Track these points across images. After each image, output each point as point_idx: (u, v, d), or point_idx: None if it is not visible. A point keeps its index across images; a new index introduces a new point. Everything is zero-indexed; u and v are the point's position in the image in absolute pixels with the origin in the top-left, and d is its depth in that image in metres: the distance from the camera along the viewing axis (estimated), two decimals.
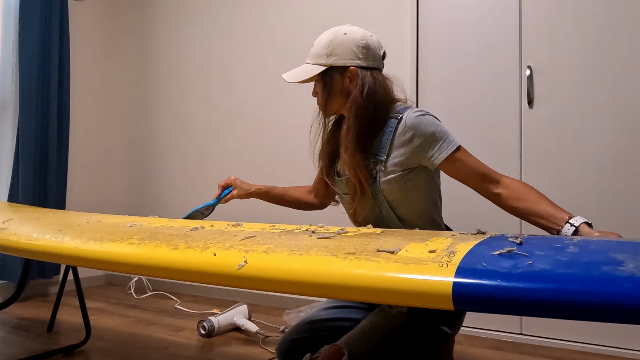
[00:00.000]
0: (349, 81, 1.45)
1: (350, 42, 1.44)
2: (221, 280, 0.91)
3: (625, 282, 0.60)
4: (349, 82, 1.45)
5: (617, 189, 2.33)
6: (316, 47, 1.48)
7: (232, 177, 1.74)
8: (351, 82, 1.45)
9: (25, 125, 3.24)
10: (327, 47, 1.45)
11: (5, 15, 3.30)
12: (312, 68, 1.47)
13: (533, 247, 0.81)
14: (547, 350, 2.36)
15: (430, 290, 0.69)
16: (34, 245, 1.31)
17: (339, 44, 1.44)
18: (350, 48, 1.44)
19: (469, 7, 2.70)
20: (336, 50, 1.44)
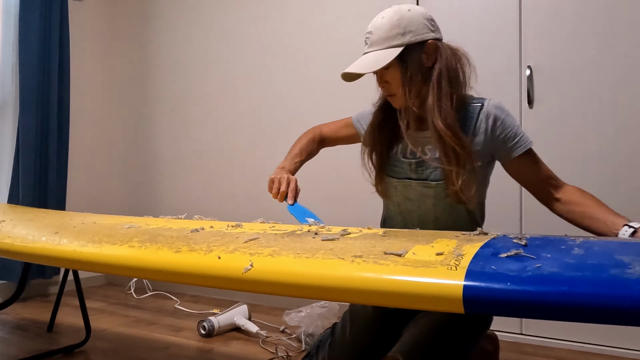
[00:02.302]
0: (426, 57, 1.36)
1: (420, 16, 1.36)
2: (227, 284, 0.91)
3: (634, 285, 0.60)
4: (427, 58, 1.36)
5: (617, 189, 2.33)
6: (381, 31, 1.34)
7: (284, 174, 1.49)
8: (429, 58, 1.36)
9: (25, 125, 3.24)
10: (397, 26, 1.33)
11: (5, 15, 3.29)
12: (387, 53, 1.32)
13: (539, 249, 0.81)
14: (547, 350, 2.37)
15: (440, 293, 0.69)
16: (30, 248, 1.30)
17: (410, 20, 1.34)
18: (422, 22, 1.36)
19: (469, 7, 2.70)
20: (409, 26, 1.33)
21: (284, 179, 1.46)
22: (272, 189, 1.46)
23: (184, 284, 3.54)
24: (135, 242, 1.15)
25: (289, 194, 1.43)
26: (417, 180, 1.41)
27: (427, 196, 1.40)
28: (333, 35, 3.13)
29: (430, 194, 1.40)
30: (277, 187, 1.45)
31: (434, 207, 1.41)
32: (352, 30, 3.07)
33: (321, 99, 3.16)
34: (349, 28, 3.09)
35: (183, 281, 0.98)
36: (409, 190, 1.42)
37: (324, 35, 3.17)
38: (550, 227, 2.43)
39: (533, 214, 2.50)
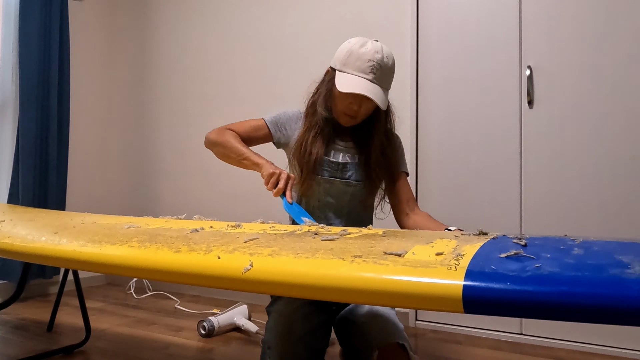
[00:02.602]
0: None
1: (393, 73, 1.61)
2: (227, 284, 0.91)
3: (634, 285, 0.60)
4: None
5: (617, 189, 2.34)
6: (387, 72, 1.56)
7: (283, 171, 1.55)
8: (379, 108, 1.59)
9: (25, 125, 3.24)
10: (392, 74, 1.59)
11: (5, 15, 3.29)
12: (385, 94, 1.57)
13: (538, 249, 0.81)
14: (547, 350, 2.37)
15: (440, 293, 0.69)
16: (30, 248, 1.29)
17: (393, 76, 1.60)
18: None
19: (469, 7, 2.70)
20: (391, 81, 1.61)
21: (284, 175, 1.49)
22: (269, 184, 1.50)
23: (183, 284, 3.55)
24: (135, 242, 1.15)
25: (287, 193, 1.47)
26: (340, 179, 1.64)
27: (346, 193, 1.64)
28: (333, 35, 3.13)
29: (349, 191, 1.64)
30: (274, 181, 1.49)
31: (349, 203, 1.65)
32: (352, 30, 3.07)
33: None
34: (349, 28, 3.09)
35: (183, 281, 0.98)
36: (331, 187, 1.64)
37: (324, 35, 3.17)
38: (550, 227, 2.44)
39: (533, 214, 2.50)
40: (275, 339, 1.43)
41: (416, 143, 2.79)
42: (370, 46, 1.54)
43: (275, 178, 1.49)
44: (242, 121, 1.77)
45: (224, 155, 1.71)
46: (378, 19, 3.00)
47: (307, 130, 1.66)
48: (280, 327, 1.43)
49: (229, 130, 1.73)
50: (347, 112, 1.59)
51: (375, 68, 1.52)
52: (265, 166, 1.55)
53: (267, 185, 1.50)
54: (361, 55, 1.53)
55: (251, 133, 1.74)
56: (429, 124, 2.77)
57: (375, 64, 1.52)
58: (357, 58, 1.53)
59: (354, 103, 1.55)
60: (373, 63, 1.52)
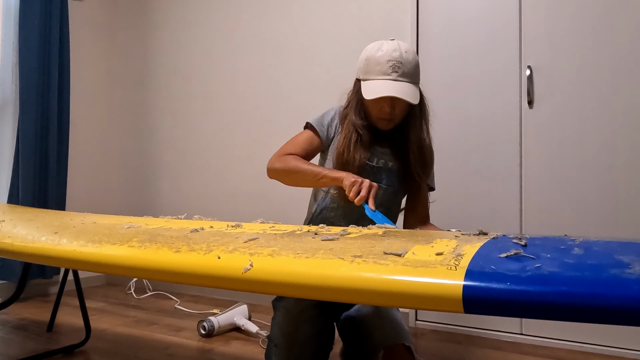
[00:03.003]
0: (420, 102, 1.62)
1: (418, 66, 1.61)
2: (226, 284, 0.91)
3: (634, 285, 0.60)
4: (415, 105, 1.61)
5: (617, 189, 2.34)
6: (410, 66, 1.55)
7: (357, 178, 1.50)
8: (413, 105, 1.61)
9: (25, 125, 3.24)
10: (418, 67, 1.58)
11: (5, 15, 3.29)
12: (416, 89, 1.57)
13: (538, 249, 0.81)
14: (547, 350, 2.37)
15: (440, 293, 0.69)
16: (30, 248, 1.29)
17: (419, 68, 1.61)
18: None
19: (469, 7, 2.70)
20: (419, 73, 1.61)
21: (366, 183, 1.46)
22: (352, 192, 1.46)
23: (183, 284, 3.55)
24: (135, 242, 1.15)
25: (370, 200, 1.44)
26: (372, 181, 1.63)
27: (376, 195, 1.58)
28: (334, 35, 3.13)
29: (379, 194, 1.59)
30: (357, 190, 1.45)
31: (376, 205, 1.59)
32: (352, 30, 3.07)
33: (322, 99, 3.15)
34: (350, 28, 3.09)
35: (183, 281, 0.98)
36: None
37: (325, 35, 3.17)
38: (550, 227, 2.44)
39: (533, 214, 2.50)
40: (283, 338, 1.44)
41: None
42: (386, 47, 1.55)
43: (357, 187, 1.45)
44: (292, 140, 1.73)
45: (297, 180, 1.64)
46: (378, 19, 3.00)
47: (347, 138, 1.64)
48: (287, 326, 1.44)
49: (290, 156, 1.67)
50: (382, 117, 1.59)
51: (396, 66, 1.52)
52: (347, 177, 1.50)
53: (350, 194, 1.46)
54: (379, 58, 1.54)
55: (308, 148, 1.71)
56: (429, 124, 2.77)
57: (395, 62, 1.52)
58: (376, 63, 1.54)
59: (386, 106, 1.55)
60: (393, 62, 1.52)
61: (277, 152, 1.68)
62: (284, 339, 1.43)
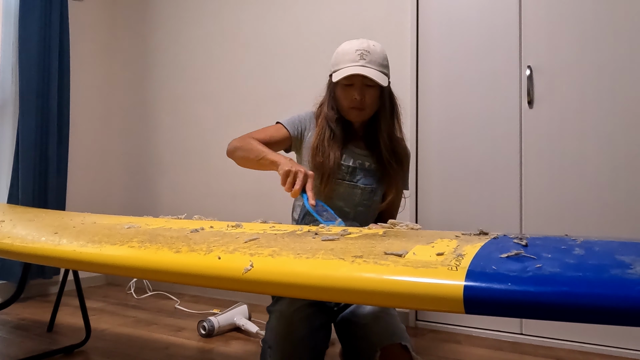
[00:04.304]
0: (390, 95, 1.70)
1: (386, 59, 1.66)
2: (227, 284, 0.90)
3: (635, 285, 0.60)
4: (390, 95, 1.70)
5: (617, 188, 2.34)
6: (377, 56, 1.59)
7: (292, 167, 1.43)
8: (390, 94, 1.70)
9: (25, 125, 3.24)
10: (386, 60, 1.63)
11: (5, 15, 3.29)
12: (383, 76, 1.60)
13: (539, 249, 0.81)
14: (547, 350, 2.37)
15: (441, 294, 0.69)
16: (30, 249, 1.29)
17: (388, 62, 1.65)
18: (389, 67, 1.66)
19: (469, 7, 2.70)
20: (388, 66, 1.65)
21: (301, 173, 1.39)
22: (286, 183, 1.40)
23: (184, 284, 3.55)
24: (135, 242, 1.15)
25: (308, 193, 1.39)
26: (349, 182, 1.68)
27: (354, 195, 1.68)
28: (334, 34, 3.13)
29: (357, 194, 1.68)
30: (291, 181, 1.39)
31: (355, 206, 1.69)
32: (353, 30, 3.07)
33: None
34: (349, 27, 3.09)
35: (183, 281, 0.98)
36: (340, 188, 1.67)
37: (324, 35, 3.17)
38: (550, 227, 2.44)
39: (533, 214, 2.50)
40: (276, 339, 1.43)
41: (416, 143, 2.79)
42: (354, 41, 1.62)
43: (292, 177, 1.39)
44: (261, 128, 1.79)
45: (244, 158, 1.65)
46: (378, 19, 3.00)
47: (321, 134, 1.68)
48: (281, 328, 1.44)
49: (250, 137, 1.70)
50: (352, 105, 1.62)
51: (364, 54, 1.58)
52: (283, 164, 1.44)
53: (285, 185, 1.40)
54: (347, 49, 1.61)
55: (272, 136, 1.73)
56: (429, 124, 2.77)
57: (363, 50, 1.58)
58: (344, 53, 1.61)
59: (356, 93, 1.59)
60: (361, 51, 1.58)
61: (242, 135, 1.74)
62: (277, 340, 1.43)
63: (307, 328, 1.44)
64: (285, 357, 1.41)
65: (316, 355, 1.47)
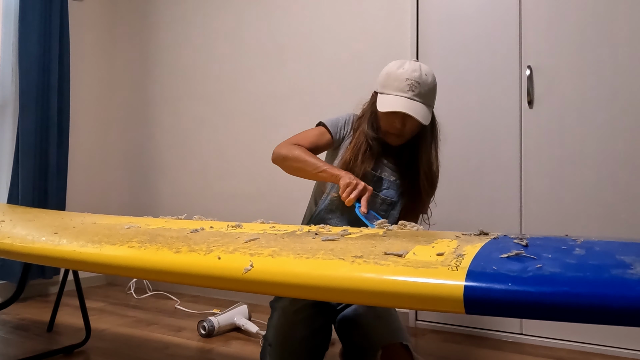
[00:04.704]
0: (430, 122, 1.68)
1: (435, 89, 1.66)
2: (227, 284, 0.90)
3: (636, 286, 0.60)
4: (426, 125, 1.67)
5: (617, 189, 2.33)
6: (427, 89, 1.60)
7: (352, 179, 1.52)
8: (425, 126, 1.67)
9: (25, 125, 3.23)
10: (434, 90, 1.64)
11: (5, 15, 3.29)
12: (428, 111, 1.61)
13: (540, 249, 0.81)
14: (547, 350, 2.37)
15: (441, 294, 0.69)
16: (29, 249, 1.29)
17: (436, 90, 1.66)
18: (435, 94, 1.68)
19: (469, 7, 2.70)
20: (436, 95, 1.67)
21: (360, 186, 1.48)
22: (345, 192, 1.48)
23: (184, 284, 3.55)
24: (135, 242, 1.15)
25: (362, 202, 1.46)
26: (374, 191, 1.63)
27: (374, 204, 1.66)
28: (334, 35, 3.13)
29: (377, 203, 1.69)
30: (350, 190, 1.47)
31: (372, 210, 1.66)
32: (353, 30, 3.07)
33: (321, 99, 3.16)
34: (350, 28, 3.09)
35: (183, 282, 0.98)
36: None
37: (325, 35, 3.17)
38: (551, 227, 2.44)
39: (533, 214, 2.50)
40: (277, 338, 1.44)
41: None
42: (407, 66, 1.59)
43: (351, 187, 1.47)
44: (303, 132, 1.77)
45: (297, 169, 1.66)
46: (378, 19, 3.00)
47: (356, 148, 1.69)
48: (282, 327, 1.45)
49: (297, 145, 1.70)
50: (391, 131, 1.64)
51: (413, 86, 1.57)
52: (345, 177, 1.52)
53: (343, 194, 1.48)
54: (399, 75, 1.58)
55: (316, 142, 1.74)
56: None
57: (413, 81, 1.57)
58: (395, 79, 1.59)
59: (397, 122, 1.60)
60: (411, 81, 1.57)
61: (286, 140, 1.72)
62: (278, 338, 1.44)
63: (308, 329, 1.44)
64: (284, 356, 1.42)
65: (315, 356, 1.48)
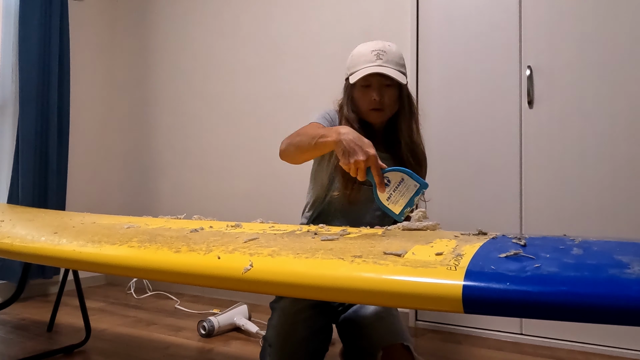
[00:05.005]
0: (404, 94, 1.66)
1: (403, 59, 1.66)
2: (226, 284, 0.91)
3: (634, 285, 0.60)
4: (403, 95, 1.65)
5: (617, 189, 2.33)
6: (393, 55, 1.59)
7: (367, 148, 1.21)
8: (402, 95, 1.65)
9: (25, 125, 3.24)
10: (402, 59, 1.63)
11: (5, 15, 3.29)
12: (401, 75, 1.59)
13: (538, 249, 0.81)
14: (547, 350, 2.37)
15: (440, 293, 0.69)
16: (29, 248, 1.29)
17: (405, 62, 1.65)
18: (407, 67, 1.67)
19: (469, 7, 2.70)
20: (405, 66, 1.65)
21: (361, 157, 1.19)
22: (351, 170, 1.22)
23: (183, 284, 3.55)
24: (135, 242, 1.15)
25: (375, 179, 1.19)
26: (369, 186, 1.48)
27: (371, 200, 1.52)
28: (334, 34, 3.13)
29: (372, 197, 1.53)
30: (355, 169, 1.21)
31: (374, 209, 1.63)
32: (353, 30, 3.07)
33: (322, 99, 3.15)
34: (350, 27, 3.09)
35: (183, 281, 0.98)
36: (358, 192, 1.61)
37: (324, 35, 3.17)
38: (550, 227, 2.44)
39: (533, 214, 2.50)
40: (277, 338, 1.44)
41: None
42: (369, 42, 1.62)
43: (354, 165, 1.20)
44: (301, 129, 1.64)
45: (298, 149, 1.45)
46: (378, 19, 3.00)
47: None
48: (282, 327, 1.45)
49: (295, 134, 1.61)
50: (372, 107, 1.60)
51: (380, 54, 1.57)
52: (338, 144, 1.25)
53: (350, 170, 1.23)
54: (363, 51, 1.60)
55: None
56: (429, 124, 2.77)
57: (379, 51, 1.58)
58: (360, 55, 1.60)
59: (374, 93, 1.58)
60: (377, 51, 1.58)
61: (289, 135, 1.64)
62: (278, 339, 1.44)
63: (309, 329, 1.44)
64: (285, 357, 1.41)
65: (316, 356, 1.48)
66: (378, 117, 1.62)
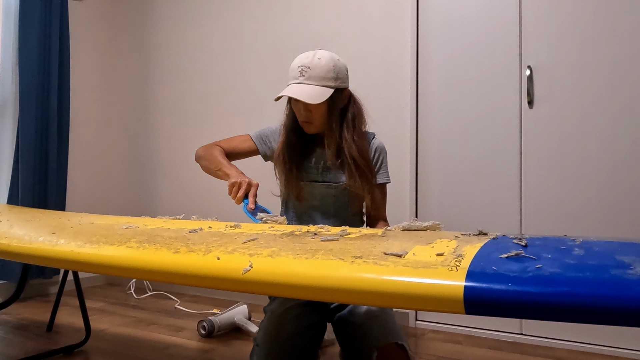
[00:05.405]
0: (342, 100, 1.68)
1: (344, 67, 1.67)
2: (226, 285, 0.90)
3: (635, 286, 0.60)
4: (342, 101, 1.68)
5: (617, 189, 2.33)
6: (319, 70, 1.60)
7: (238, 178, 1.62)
8: (343, 101, 1.68)
9: (25, 125, 3.23)
10: (332, 71, 1.61)
11: (5, 15, 3.29)
12: (323, 90, 1.60)
13: (539, 250, 0.81)
14: (547, 350, 2.37)
15: (441, 294, 0.69)
16: (27, 249, 1.28)
17: (339, 69, 1.64)
18: (345, 73, 1.67)
19: (469, 7, 2.70)
20: (339, 74, 1.63)
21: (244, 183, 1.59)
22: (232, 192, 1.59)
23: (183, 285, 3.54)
24: (134, 242, 1.14)
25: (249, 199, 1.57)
26: (322, 182, 1.71)
27: (328, 195, 1.71)
28: (334, 35, 3.13)
29: (331, 193, 1.70)
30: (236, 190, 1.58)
31: (334, 205, 1.71)
32: (353, 30, 3.07)
33: None
34: (350, 28, 3.08)
35: (182, 282, 0.97)
36: (314, 190, 1.71)
37: (324, 35, 3.17)
38: (550, 227, 2.44)
39: (533, 214, 2.50)
40: (264, 337, 1.46)
41: (416, 143, 2.78)
42: (304, 54, 1.65)
43: (236, 187, 1.57)
44: (230, 137, 1.89)
45: (206, 168, 1.79)
46: (378, 19, 2.99)
47: (282, 143, 1.75)
48: (270, 326, 1.46)
49: (215, 146, 1.83)
50: (302, 120, 1.67)
51: (303, 70, 1.61)
52: (232, 176, 1.62)
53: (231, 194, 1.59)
54: (293, 66, 1.64)
55: (237, 146, 1.86)
56: (429, 124, 2.77)
57: (303, 66, 1.61)
58: (291, 69, 1.65)
59: (301, 109, 1.64)
60: (302, 67, 1.62)
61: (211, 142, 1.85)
62: (265, 338, 1.46)
63: (296, 327, 1.45)
64: (270, 355, 1.42)
65: (305, 354, 1.47)
66: (310, 129, 1.68)
